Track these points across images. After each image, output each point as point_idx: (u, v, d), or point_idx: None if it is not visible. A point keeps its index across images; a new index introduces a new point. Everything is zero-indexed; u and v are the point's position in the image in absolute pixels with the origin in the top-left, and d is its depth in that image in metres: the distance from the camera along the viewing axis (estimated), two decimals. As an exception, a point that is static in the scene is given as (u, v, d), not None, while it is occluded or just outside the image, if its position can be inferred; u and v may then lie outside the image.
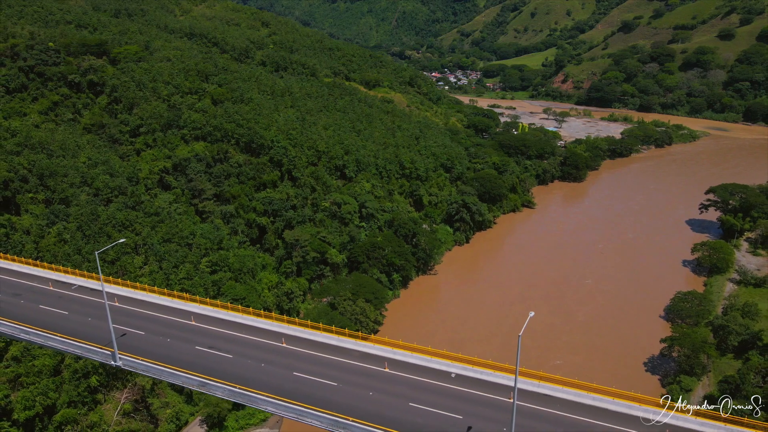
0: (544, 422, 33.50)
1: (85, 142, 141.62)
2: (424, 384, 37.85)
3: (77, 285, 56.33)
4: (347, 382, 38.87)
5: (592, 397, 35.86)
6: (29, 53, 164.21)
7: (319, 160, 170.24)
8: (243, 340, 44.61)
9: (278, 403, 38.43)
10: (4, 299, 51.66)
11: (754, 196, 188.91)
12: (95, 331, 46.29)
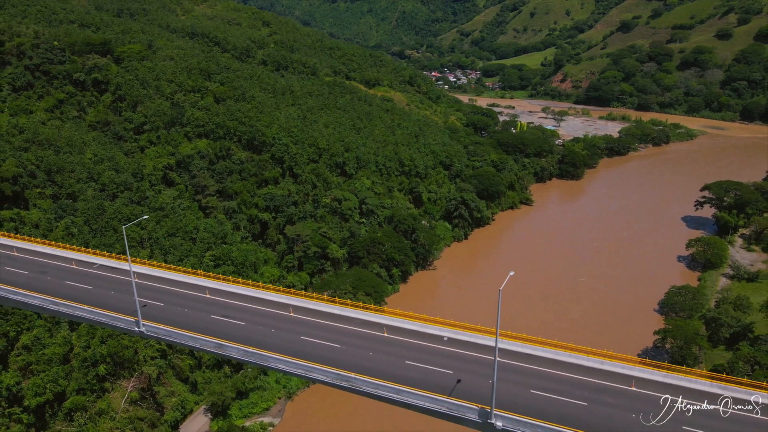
0: (525, 375, 37.01)
1: (90, 139, 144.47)
2: (419, 346, 41.37)
3: (98, 264, 59.66)
4: (349, 344, 42.28)
5: (568, 355, 39.66)
6: (35, 52, 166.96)
7: (320, 158, 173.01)
8: (254, 310, 47.94)
9: (287, 361, 41.67)
10: (32, 276, 54.88)
11: (749, 193, 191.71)
12: (118, 303, 49.67)
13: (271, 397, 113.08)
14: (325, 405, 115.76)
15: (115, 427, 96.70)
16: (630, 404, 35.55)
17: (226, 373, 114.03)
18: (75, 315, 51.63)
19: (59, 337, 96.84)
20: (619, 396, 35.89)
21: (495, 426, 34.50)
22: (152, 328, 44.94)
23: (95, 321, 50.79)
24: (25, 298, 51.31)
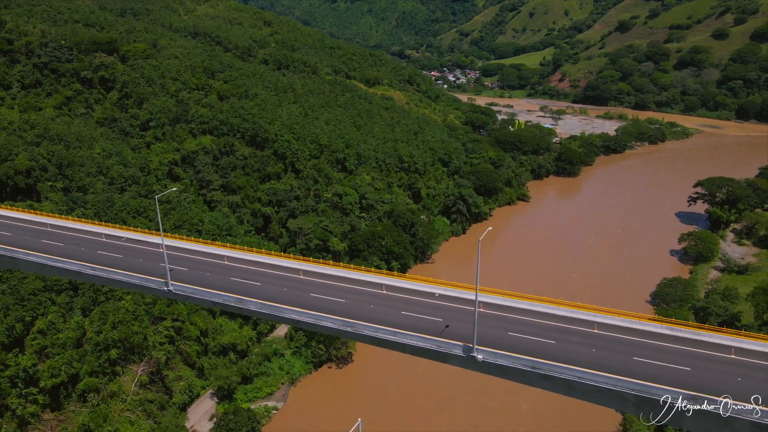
0: (503, 322, 42.16)
1: (98, 135, 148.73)
2: (414, 300, 46.42)
3: (126, 237, 64.22)
4: (353, 299, 47.08)
5: (541, 305, 44.75)
6: (43, 50, 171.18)
7: (321, 154, 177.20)
8: (268, 274, 52.69)
9: (299, 312, 46.35)
10: (67, 247, 59.40)
11: (740, 189, 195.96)
12: (147, 268, 54.48)
13: (274, 383, 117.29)
14: (326, 391, 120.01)
15: (126, 408, 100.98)
16: (590, 342, 41.44)
17: (232, 359, 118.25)
18: (110, 278, 56.10)
19: (72, 322, 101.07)
20: (582, 336, 41.90)
21: (476, 359, 39.49)
22: (179, 287, 50.15)
23: (129, 283, 55.28)
24: (65, 264, 56.30)
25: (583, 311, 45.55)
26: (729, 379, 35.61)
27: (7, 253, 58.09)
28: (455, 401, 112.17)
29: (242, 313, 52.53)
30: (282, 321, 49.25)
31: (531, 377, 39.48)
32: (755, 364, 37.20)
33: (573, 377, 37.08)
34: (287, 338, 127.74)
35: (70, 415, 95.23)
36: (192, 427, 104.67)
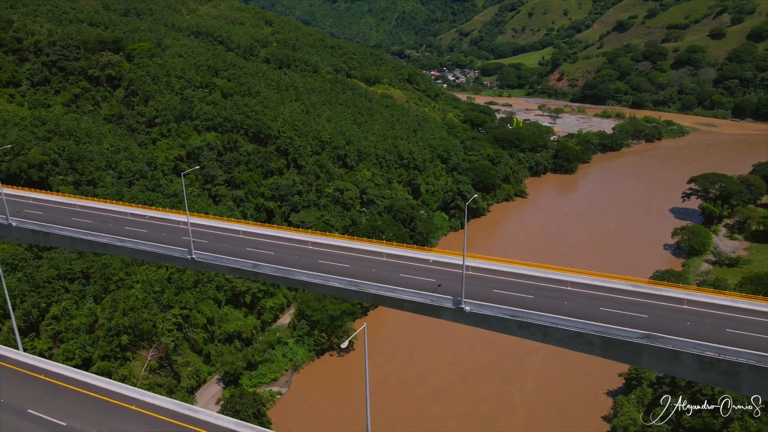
0: (489, 281, 48.27)
1: (106, 131, 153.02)
2: (410, 265, 51.41)
3: (149, 215, 68.75)
4: (356, 265, 51.91)
5: (523, 268, 49.48)
6: (51, 49, 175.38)
7: (323, 150, 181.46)
8: (280, 245, 57.41)
9: (309, 273, 51.15)
10: (96, 224, 63.88)
11: (733, 185, 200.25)
12: (170, 241, 58.63)
13: (278, 369, 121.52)
14: (328, 377, 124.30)
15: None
16: (564, 297, 47.19)
17: (237, 346, 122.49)
18: (138, 249, 60.41)
19: (85, 309, 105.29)
20: (557, 292, 47.50)
21: (464, 310, 44.17)
22: (201, 255, 55.27)
23: (155, 253, 59.62)
24: (95, 237, 60.96)
25: (558, 272, 50.93)
26: (679, 323, 40.16)
27: (42, 229, 62.93)
28: (450, 390, 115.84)
29: (257, 278, 56.96)
30: (294, 283, 53.79)
31: (511, 326, 44.23)
32: (703, 312, 42.14)
33: (548, 323, 41.87)
34: (290, 327, 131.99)
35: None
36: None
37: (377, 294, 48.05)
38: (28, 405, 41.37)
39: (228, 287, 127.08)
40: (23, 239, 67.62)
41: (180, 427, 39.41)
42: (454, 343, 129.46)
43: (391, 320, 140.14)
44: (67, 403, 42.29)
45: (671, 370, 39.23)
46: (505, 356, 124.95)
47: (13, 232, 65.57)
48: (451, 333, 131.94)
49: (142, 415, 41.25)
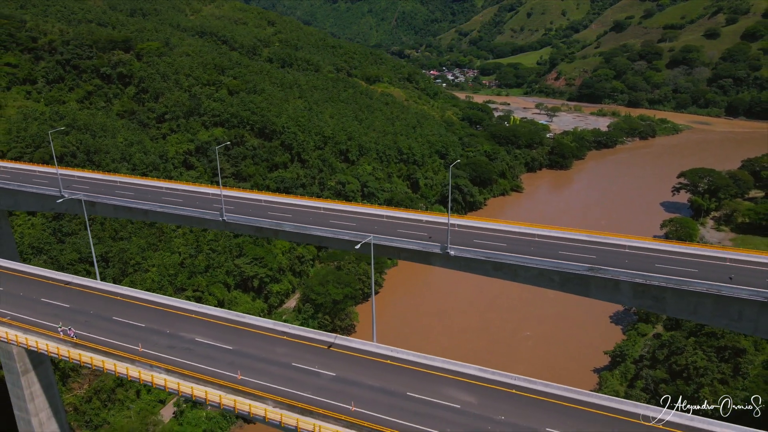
0: (471, 235, 55.82)
1: (120, 126, 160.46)
2: (407, 224, 60.20)
3: (182, 189, 76.63)
4: (361, 223, 60.32)
5: (500, 225, 57.45)
6: (65, 48, 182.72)
7: (326, 145, 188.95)
8: (296, 210, 66.27)
9: (323, 229, 59.50)
10: (137, 195, 71.59)
11: (721, 179, 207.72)
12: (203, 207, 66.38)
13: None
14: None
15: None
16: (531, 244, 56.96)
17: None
18: (176, 213, 68.10)
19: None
20: (526, 243, 57.84)
21: (450, 254, 51.85)
22: (231, 217, 64.69)
23: (191, 216, 67.43)
24: (137, 204, 69.80)
25: (527, 227, 59.32)
26: (619, 261, 48.36)
27: (90, 198, 70.89)
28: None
29: (278, 236, 64.71)
30: (309, 239, 61.98)
31: (488, 267, 52.02)
32: (640, 253, 50.44)
33: (517, 263, 50.04)
34: (296, 311, 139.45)
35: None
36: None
37: (379, 244, 55.81)
38: (112, 314, 56.04)
39: (237, 272, 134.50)
40: (72, 210, 75.19)
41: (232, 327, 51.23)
42: (450, 331, 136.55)
43: (392, 304, 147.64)
44: (142, 313, 56.31)
45: (614, 298, 47.03)
46: (498, 343, 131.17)
47: (63, 203, 73.46)
48: (447, 320, 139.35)
49: (200, 321, 54.39)
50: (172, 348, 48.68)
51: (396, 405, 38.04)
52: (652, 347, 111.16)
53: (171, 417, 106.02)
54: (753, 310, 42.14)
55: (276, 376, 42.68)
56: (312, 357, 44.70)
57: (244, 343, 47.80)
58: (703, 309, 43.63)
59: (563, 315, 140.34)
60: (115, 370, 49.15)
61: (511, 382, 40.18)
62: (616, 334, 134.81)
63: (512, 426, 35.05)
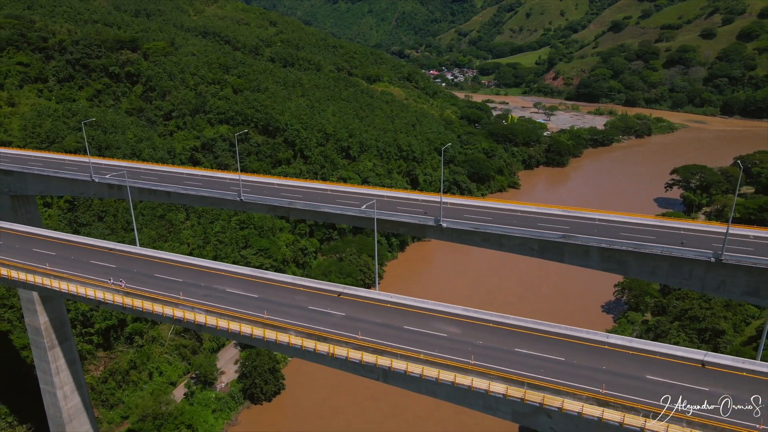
0: (462, 211, 61.18)
1: (129, 123, 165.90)
2: (405, 203, 65.68)
3: (200, 175, 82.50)
4: (364, 202, 65.75)
5: (487, 202, 63.11)
6: (75, 48, 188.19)
7: (327, 142, 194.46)
8: (306, 192, 72.90)
9: (331, 206, 66.08)
10: (160, 180, 77.07)
11: (712, 176, 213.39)
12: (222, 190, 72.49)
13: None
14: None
15: (164, 351, 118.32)
16: (513, 218, 61.98)
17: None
18: (197, 195, 73.85)
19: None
20: (509, 217, 63.12)
21: (443, 226, 57.86)
22: (248, 197, 71.18)
23: (211, 198, 73.17)
24: (160, 187, 76.25)
25: (510, 203, 65.46)
26: (589, 231, 54.58)
27: (116, 182, 76.94)
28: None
29: (290, 214, 70.29)
30: (319, 215, 68.29)
31: (476, 238, 57.75)
32: (608, 225, 56.54)
33: (502, 233, 56.18)
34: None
35: (119, 354, 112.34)
36: (220, 369, 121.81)
37: (381, 218, 61.59)
38: (153, 272, 63.98)
39: (243, 263, 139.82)
40: (100, 193, 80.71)
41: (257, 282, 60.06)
42: None
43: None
44: (179, 272, 64.17)
45: (585, 263, 52.73)
46: None
47: (92, 187, 79.22)
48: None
49: (230, 277, 62.64)
50: (207, 296, 56.56)
51: (394, 335, 46.78)
52: (640, 331, 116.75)
53: (182, 397, 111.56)
54: (700, 269, 48.53)
55: (296, 316, 51.36)
56: (325, 302, 53.15)
57: (268, 293, 56.28)
58: (661, 270, 49.86)
59: (557, 309, 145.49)
60: (162, 312, 56.31)
61: (488, 318, 48.78)
62: (607, 323, 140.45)
63: (488, 347, 43.88)
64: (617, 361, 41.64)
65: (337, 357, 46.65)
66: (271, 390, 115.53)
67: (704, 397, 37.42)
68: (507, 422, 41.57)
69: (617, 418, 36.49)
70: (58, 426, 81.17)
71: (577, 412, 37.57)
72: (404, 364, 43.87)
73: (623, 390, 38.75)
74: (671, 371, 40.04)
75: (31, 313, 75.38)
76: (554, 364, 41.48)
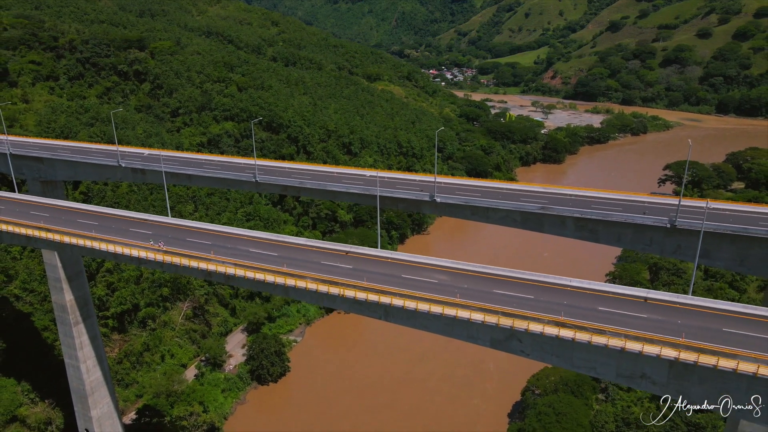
0: (452, 190, 67.26)
1: (138, 119, 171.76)
2: (402, 182, 72.16)
3: (216, 161, 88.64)
4: (367, 183, 72.19)
5: (476, 182, 69.21)
6: (84, 47, 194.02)
7: (329, 138, 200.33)
8: (315, 173, 79.10)
9: (337, 185, 72.76)
10: (180, 165, 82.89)
11: (704, 171, 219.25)
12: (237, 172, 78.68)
13: (294, 323, 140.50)
14: (335, 331, 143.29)
15: (175, 335, 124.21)
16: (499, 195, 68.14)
17: (258, 303, 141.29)
18: (216, 177, 79.76)
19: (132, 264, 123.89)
20: (495, 194, 68.89)
21: (436, 201, 64.05)
22: (264, 178, 77.84)
23: (229, 179, 79.15)
24: (182, 170, 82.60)
25: (495, 182, 71.96)
26: (565, 204, 60.65)
27: (141, 167, 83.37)
28: (432, 357, 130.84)
29: (300, 193, 76.40)
30: (327, 194, 74.53)
31: (467, 212, 64.00)
32: (580, 200, 63.22)
33: (489, 206, 62.73)
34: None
35: (133, 337, 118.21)
36: (228, 353, 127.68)
37: (382, 195, 67.76)
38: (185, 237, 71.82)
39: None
40: (125, 177, 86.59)
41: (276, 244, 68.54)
42: None
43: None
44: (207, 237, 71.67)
45: (561, 232, 58.90)
46: None
47: (118, 172, 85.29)
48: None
49: (251, 241, 69.39)
50: (234, 255, 64.31)
51: (393, 281, 55.63)
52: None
53: (193, 378, 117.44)
54: (660, 234, 55.19)
55: (310, 268, 59.60)
56: (335, 259, 61.82)
57: (286, 252, 64.33)
58: (626, 237, 56.44)
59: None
60: (198, 266, 63.45)
61: (472, 268, 57.24)
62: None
63: (471, 290, 52.72)
64: (576, 298, 49.97)
65: (347, 297, 54.39)
66: (277, 371, 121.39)
67: (644, 322, 45.48)
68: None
69: (569, 335, 44.98)
70: (81, 397, 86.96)
71: (539, 332, 45.78)
72: (402, 300, 51.74)
73: (578, 317, 47.14)
74: (619, 304, 48.32)
75: (58, 291, 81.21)
76: (524, 301, 49.83)
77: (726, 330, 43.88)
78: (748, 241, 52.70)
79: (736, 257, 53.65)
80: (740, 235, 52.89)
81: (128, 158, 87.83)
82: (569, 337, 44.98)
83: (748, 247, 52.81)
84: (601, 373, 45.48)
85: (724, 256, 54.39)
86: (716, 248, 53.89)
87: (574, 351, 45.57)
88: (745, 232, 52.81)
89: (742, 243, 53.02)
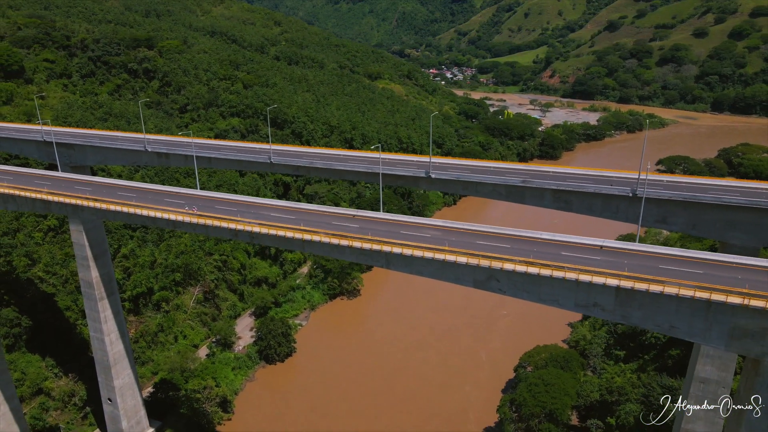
0: (447, 168, 74.06)
1: (149, 115, 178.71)
2: (401, 162, 78.88)
3: (233, 145, 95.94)
4: (369, 162, 78.90)
5: (468, 161, 76.20)
6: (96, 46, 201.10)
7: (332, 133, 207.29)
8: (323, 155, 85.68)
9: (343, 164, 79.79)
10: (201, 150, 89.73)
11: (695, 166, 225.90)
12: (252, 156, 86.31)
13: (299, 308, 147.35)
14: (338, 316, 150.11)
15: (187, 318, 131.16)
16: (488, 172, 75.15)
17: (265, 289, 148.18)
18: (236, 159, 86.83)
19: (146, 251, 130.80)
20: (485, 170, 76.11)
21: (432, 177, 71.01)
22: (277, 159, 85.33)
23: (246, 161, 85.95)
24: (203, 153, 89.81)
25: (483, 162, 79.24)
26: (545, 180, 67.63)
27: (165, 151, 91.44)
28: (427, 346, 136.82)
29: (310, 173, 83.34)
30: (334, 174, 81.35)
31: (458, 187, 71.44)
32: (559, 175, 69.64)
33: (477, 180, 69.74)
34: (308, 276, 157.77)
35: (147, 319, 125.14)
36: (237, 334, 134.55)
37: (384, 173, 74.78)
38: (214, 205, 79.66)
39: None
40: (150, 162, 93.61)
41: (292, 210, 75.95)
42: (436, 307, 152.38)
43: (385, 282, 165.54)
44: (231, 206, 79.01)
45: (541, 203, 65.94)
46: (477, 319, 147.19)
47: (143, 156, 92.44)
48: (433, 297, 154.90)
49: (272, 207, 78.13)
50: (257, 217, 72.56)
51: (393, 235, 64.37)
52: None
53: (205, 357, 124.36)
54: (624, 203, 62.58)
55: (322, 226, 68.17)
56: (344, 220, 70.22)
57: (302, 216, 72.52)
58: (596, 206, 63.77)
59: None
60: (227, 226, 71.24)
61: (459, 226, 65.51)
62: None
63: (458, 241, 61.19)
64: (544, 246, 58.87)
65: (354, 247, 62.39)
66: (284, 352, 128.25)
67: (598, 263, 54.39)
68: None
69: (536, 270, 53.73)
70: (105, 368, 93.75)
71: (512, 269, 54.32)
72: (400, 248, 60.37)
73: (545, 258, 55.87)
74: (580, 251, 57.56)
75: (85, 268, 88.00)
76: (502, 250, 58.57)
77: (661, 266, 52.72)
78: (699, 207, 60.49)
79: (689, 222, 61.42)
80: (692, 202, 60.65)
81: (153, 144, 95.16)
82: (536, 272, 53.17)
83: (699, 213, 60.37)
84: (563, 304, 53.59)
85: (679, 221, 62.13)
86: (672, 214, 61.52)
87: (541, 286, 53.78)
88: (695, 199, 60.47)
89: (694, 209, 60.69)
